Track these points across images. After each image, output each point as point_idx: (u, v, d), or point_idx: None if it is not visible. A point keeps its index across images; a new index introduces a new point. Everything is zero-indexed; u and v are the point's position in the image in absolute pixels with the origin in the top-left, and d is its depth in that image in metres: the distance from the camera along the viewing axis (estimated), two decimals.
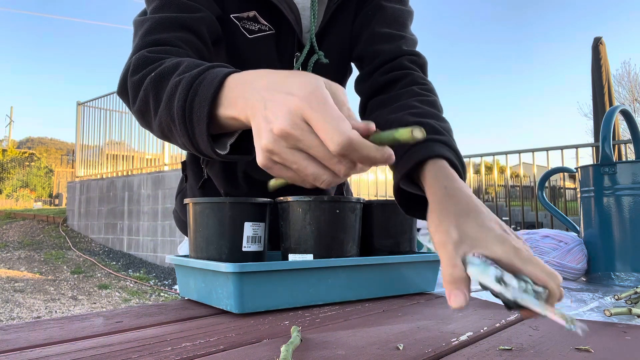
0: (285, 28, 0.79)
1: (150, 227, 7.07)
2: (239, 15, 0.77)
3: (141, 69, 0.63)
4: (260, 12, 0.77)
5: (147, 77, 0.60)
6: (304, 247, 0.73)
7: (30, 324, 0.58)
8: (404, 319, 0.62)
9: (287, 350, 0.42)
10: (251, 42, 0.78)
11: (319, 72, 0.64)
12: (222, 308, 0.65)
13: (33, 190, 21.69)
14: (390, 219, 0.80)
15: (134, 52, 0.67)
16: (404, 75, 0.79)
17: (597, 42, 5.32)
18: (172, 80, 0.56)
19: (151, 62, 0.63)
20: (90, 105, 8.93)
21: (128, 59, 0.67)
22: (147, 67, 0.62)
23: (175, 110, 0.54)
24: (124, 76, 0.66)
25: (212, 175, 0.94)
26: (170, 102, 0.55)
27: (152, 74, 0.60)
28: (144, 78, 0.61)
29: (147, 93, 0.60)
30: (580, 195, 1.00)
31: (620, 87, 17.19)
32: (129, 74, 0.64)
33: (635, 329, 0.57)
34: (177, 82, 0.55)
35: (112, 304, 4.75)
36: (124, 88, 0.66)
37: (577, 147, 4.63)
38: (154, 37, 0.67)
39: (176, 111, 0.54)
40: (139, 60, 0.64)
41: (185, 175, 1.03)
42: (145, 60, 0.64)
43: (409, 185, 0.61)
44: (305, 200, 0.73)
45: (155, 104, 0.59)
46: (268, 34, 0.79)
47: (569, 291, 0.81)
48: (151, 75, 0.60)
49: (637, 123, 1.03)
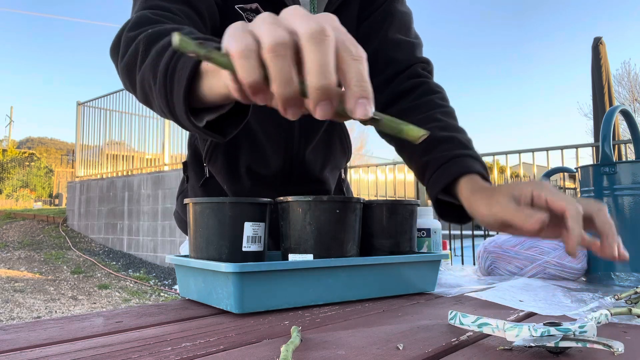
0: None
1: (150, 227, 7.07)
2: (242, 6, 0.79)
3: (140, 26, 0.62)
4: (262, 4, 0.79)
5: (143, 32, 0.59)
6: (304, 247, 0.73)
7: (30, 324, 0.58)
8: (404, 319, 0.62)
9: (287, 350, 0.42)
10: None
11: None
12: (222, 308, 0.65)
13: (33, 190, 21.69)
14: (390, 219, 0.80)
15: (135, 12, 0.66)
16: (420, 84, 0.84)
17: (597, 42, 5.32)
18: (166, 39, 0.54)
19: (152, 23, 0.62)
20: (90, 105, 8.93)
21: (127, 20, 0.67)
22: (147, 25, 0.61)
23: (160, 66, 0.51)
24: (120, 32, 0.64)
25: (215, 172, 0.93)
26: (158, 58, 0.53)
27: (149, 30, 0.59)
28: (140, 34, 0.59)
29: (137, 47, 0.58)
30: (580, 195, 1.00)
31: (620, 87, 17.18)
32: (126, 30, 0.63)
33: (635, 329, 0.57)
34: (163, 46, 0.53)
35: (112, 304, 4.75)
36: (117, 44, 0.64)
37: (577, 147, 4.63)
38: (156, 2, 0.67)
39: (160, 68, 0.51)
40: (140, 18, 0.63)
41: (187, 175, 1.03)
42: (147, 19, 0.63)
43: (444, 195, 0.71)
44: (305, 200, 0.73)
45: (142, 58, 0.56)
46: None
47: (569, 291, 0.81)
48: (148, 31, 0.58)
49: (637, 123, 1.03)
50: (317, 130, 0.93)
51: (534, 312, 0.66)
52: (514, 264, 0.97)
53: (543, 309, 0.67)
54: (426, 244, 1.00)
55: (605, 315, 0.53)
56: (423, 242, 1.00)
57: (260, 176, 0.91)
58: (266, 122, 0.88)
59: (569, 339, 0.44)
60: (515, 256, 0.97)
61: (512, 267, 0.97)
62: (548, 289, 0.82)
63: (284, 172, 0.91)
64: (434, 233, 1.01)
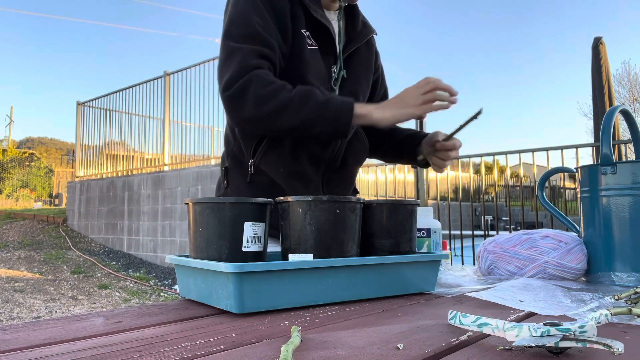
0: (325, 46, 1.11)
1: (150, 227, 7.07)
2: (304, 31, 1.07)
3: (265, 85, 0.95)
4: (312, 33, 1.09)
5: (280, 93, 0.95)
6: (304, 247, 0.73)
7: (30, 324, 0.58)
8: (404, 319, 0.62)
9: (287, 350, 0.42)
10: (309, 51, 1.08)
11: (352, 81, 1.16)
12: (222, 308, 0.65)
13: (33, 190, 21.69)
14: (390, 219, 0.80)
15: (241, 69, 0.96)
16: None
17: (597, 42, 5.31)
18: (316, 99, 0.96)
19: (269, 83, 0.96)
20: (90, 105, 8.93)
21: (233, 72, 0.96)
22: (270, 85, 0.96)
23: (327, 115, 0.95)
24: (244, 86, 0.95)
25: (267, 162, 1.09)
26: (324, 108, 0.96)
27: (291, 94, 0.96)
28: (275, 93, 0.95)
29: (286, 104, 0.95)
30: (580, 195, 1.00)
31: (620, 87, 17.19)
32: (256, 87, 0.95)
33: (635, 329, 0.57)
34: (326, 100, 0.96)
35: (112, 304, 4.75)
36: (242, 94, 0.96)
37: (577, 147, 4.62)
38: (253, 62, 0.98)
39: (327, 116, 0.96)
40: (260, 78, 0.96)
41: (227, 180, 1.17)
42: (264, 79, 0.96)
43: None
44: (305, 200, 0.73)
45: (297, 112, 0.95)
46: (316, 49, 1.10)
47: (569, 291, 0.81)
48: (291, 96, 0.95)
49: (637, 123, 1.03)
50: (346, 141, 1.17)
51: (534, 312, 0.66)
52: (513, 264, 0.97)
53: (543, 309, 0.67)
54: (426, 244, 1.00)
55: (605, 315, 0.53)
56: (423, 242, 1.00)
57: (317, 157, 1.11)
58: None
59: (569, 339, 0.44)
60: (515, 256, 0.97)
61: (512, 267, 0.97)
62: (548, 289, 0.82)
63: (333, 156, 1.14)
64: (434, 233, 1.02)
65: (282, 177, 1.09)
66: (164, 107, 7.64)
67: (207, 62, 6.85)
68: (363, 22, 1.21)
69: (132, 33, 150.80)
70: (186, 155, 7.63)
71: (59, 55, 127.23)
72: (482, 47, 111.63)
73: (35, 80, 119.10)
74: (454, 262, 3.29)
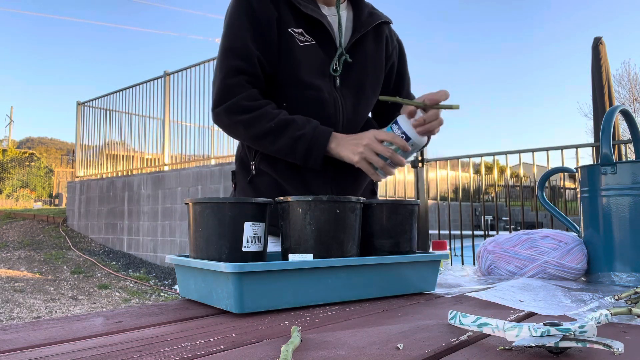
0: (322, 39, 1.11)
1: (150, 227, 7.07)
2: (294, 30, 1.09)
3: (245, 113, 1.03)
4: (305, 29, 1.10)
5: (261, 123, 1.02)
6: (304, 247, 0.73)
7: (30, 324, 0.58)
8: (404, 319, 0.62)
9: (287, 350, 0.42)
10: (301, 48, 1.09)
11: (357, 70, 1.15)
12: (222, 308, 0.65)
13: (33, 190, 21.69)
14: (390, 219, 0.80)
15: (222, 90, 1.05)
16: None
17: (597, 42, 5.31)
18: (293, 133, 1.01)
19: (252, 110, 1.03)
20: (90, 105, 8.93)
21: (217, 92, 1.06)
22: (251, 113, 1.03)
23: (299, 150, 1.01)
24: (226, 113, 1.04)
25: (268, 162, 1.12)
26: (295, 145, 1.01)
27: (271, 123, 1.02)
28: (255, 122, 1.02)
29: (267, 134, 1.02)
30: (580, 195, 1.00)
31: (620, 87, 17.19)
32: (235, 114, 1.04)
33: (635, 329, 0.57)
34: (299, 136, 1.01)
35: (112, 304, 4.75)
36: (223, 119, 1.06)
37: (577, 147, 4.62)
38: (233, 80, 1.05)
39: (299, 151, 1.01)
40: (237, 107, 1.03)
41: (235, 183, 1.22)
42: (244, 107, 1.03)
43: None
44: (305, 200, 0.73)
45: (274, 142, 1.02)
46: (311, 44, 1.10)
47: (569, 291, 0.81)
48: (272, 125, 1.01)
49: (637, 123, 1.03)
50: (355, 130, 1.16)
51: (534, 312, 0.66)
52: (513, 264, 0.97)
53: (543, 309, 0.67)
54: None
55: (605, 315, 0.53)
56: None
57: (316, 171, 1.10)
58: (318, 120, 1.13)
59: (569, 339, 0.44)
60: (515, 256, 0.97)
61: (512, 267, 0.97)
62: (548, 289, 0.82)
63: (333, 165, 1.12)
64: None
65: (283, 176, 1.11)
66: (164, 107, 7.64)
67: (207, 62, 6.84)
68: (370, 12, 1.21)
69: (132, 33, 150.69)
70: (186, 155, 7.63)
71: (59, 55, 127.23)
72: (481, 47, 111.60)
73: (36, 80, 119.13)
74: (454, 262, 3.29)
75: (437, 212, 5.23)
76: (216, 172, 6.31)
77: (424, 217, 5.06)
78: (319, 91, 1.08)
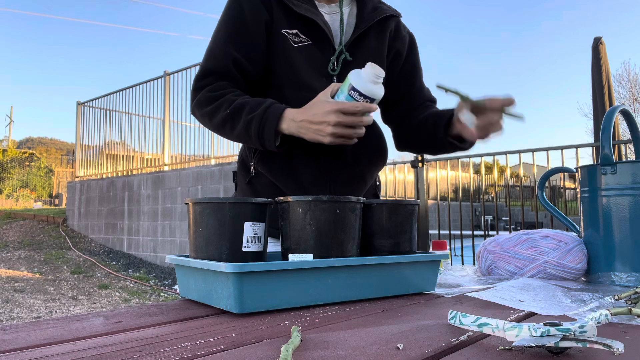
0: (319, 39, 1.09)
1: (150, 227, 7.07)
2: (287, 31, 1.08)
3: (207, 104, 1.03)
4: (301, 29, 1.08)
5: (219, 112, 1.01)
6: (304, 247, 0.73)
7: (30, 324, 0.58)
8: (404, 319, 0.62)
9: (287, 350, 0.42)
10: (296, 49, 1.08)
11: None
12: (222, 308, 0.65)
13: (33, 190, 21.69)
14: (390, 219, 0.80)
15: (194, 92, 1.07)
16: (428, 107, 1.25)
17: (597, 42, 5.31)
18: (244, 118, 0.98)
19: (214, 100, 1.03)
20: (90, 105, 8.93)
21: (191, 90, 1.09)
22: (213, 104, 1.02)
23: (253, 135, 0.97)
24: (196, 108, 1.07)
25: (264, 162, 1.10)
26: (248, 130, 0.98)
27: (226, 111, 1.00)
28: (215, 111, 1.02)
29: (225, 122, 1.01)
30: (580, 195, 1.00)
31: (620, 87, 17.20)
32: (200, 107, 1.05)
33: (635, 329, 0.57)
34: (250, 120, 0.97)
35: (112, 304, 4.75)
36: (197, 115, 1.08)
37: (577, 147, 4.62)
38: (202, 82, 1.06)
39: (253, 135, 0.97)
40: (205, 99, 1.04)
41: (236, 183, 1.21)
42: (208, 98, 1.03)
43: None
44: (305, 200, 0.73)
45: (232, 129, 1.01)
46: (307, 44, 1.08)
47: (569, 291, 0.81)
48: (227, 112, 1.00)
49: (637, 123, 1.03)
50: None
51: (534, 312, 0.66)
52: (513, 264, 0.97)
53: (543, 309, 0.67)
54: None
55: (605, 315, 0.53)
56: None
57: (313, 173, 1.08)
58: None
59: (569, 339, 0.44)
60: (515, 256, 0.97)
61: (512, 267, 0.97)
62: (548, 289, 0.82)
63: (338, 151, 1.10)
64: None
65: (277, 176, 1.09)
66: (164, 107, 7.64)
67: None
68: (375, 6, 1.17)
69: (132, 33, 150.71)
70: (186, 155, 7.63)
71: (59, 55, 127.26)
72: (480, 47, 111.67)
73: (36, 80, 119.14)
74: (454, 262, 3.29)
75: (437, 212, 5.23)
76: (216, 172, 6.31)
77: (424, 217, 5.06)
78: (315, 92, 1.02)
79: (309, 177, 1.07)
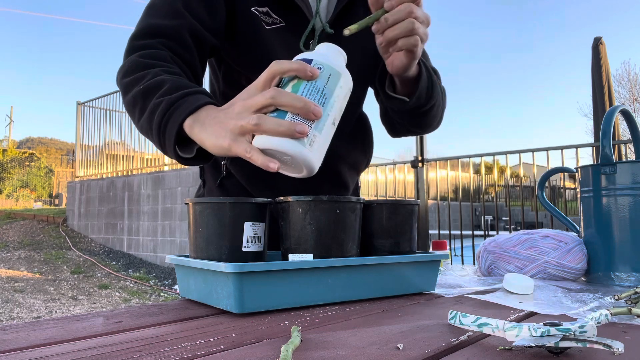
0: (294, 19, 0.91)
1: (150, 227, 7.07)
2: (257, 9, 0.89)
3: (130, 73, 0.78)
4: (272, 8, 0.90)
5: (135, 86, 0.75)
6: (304, 247, 0.73)
7: (30, 324, 0.58)
8: (404, 319, 0.62)
9: (287, 350, 0.42)
10: (268, 32, 0.90)
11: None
12: (222, 308, 0.65)
13: (33, 190, 21.70)
14: (390, 219, 0.80)
15: (126, 54, 0.82)
16: None
17: (597, 42, 5.31)
18: (154, 100, 0.71)
19: (140, 69, 0.77)
20: (90, 105, 8.93)
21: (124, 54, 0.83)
22: (136, 73, 0.77)
23: (154, 125, 0.70)
24: (118, 75, 0.81)
25: (236, 171, 0.99)
26: (151, 117, 0.71)
27: (140, 86, 0.74)
28: (133, 83, 0.76)
29: (135, 101, 0.75)
30: (580, 195, 1.00)
31: (620, 87, 17.21)
32: (122, 75, 0.79)
33: (635, 329, 0.57)
34: (158, 103, 0.70)
35: (112, 304, 4.75)
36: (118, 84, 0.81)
37: (577, 147, 4.62)
38: (141, 42, 0.82)
39: (154, 126, 0.70)
40: (131, 64, 0.79)
41: (203, 180, 1.09)
42: (136, 65, 0.78)
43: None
44: (305, 200, 0.73)
45: (140, 114, 0.74)
46: (280, 26, 0.91)
47: (569, 291, 0.81)
48: (140, 88, 0.74)
49: (637, 123, 1.03)
50: (348, 125, 1.00)
51: (534, 312, 0.66)
52: (514, 264, 0.97)
53: (543, 309, 0.67)
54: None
55: (605, 315, 0.53)
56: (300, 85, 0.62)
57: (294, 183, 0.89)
58: None
59: (569, 339, 0.44)
60: (515, 256, 0.97)
61: (512, 267, 0.97)
62: (548, 289, 0.82)
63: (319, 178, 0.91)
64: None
65: (252, 184, 0.99)
66: None
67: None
68: None
69: None
70: None
71: (59, 55, 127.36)
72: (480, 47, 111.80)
73: (36, 80, 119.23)
74: (454, 262, 3.29)
75: (437, 212, 5.23)
76: None
77: (424, 217, 5.06)
78: None
79: (289, 188, 0.94)
